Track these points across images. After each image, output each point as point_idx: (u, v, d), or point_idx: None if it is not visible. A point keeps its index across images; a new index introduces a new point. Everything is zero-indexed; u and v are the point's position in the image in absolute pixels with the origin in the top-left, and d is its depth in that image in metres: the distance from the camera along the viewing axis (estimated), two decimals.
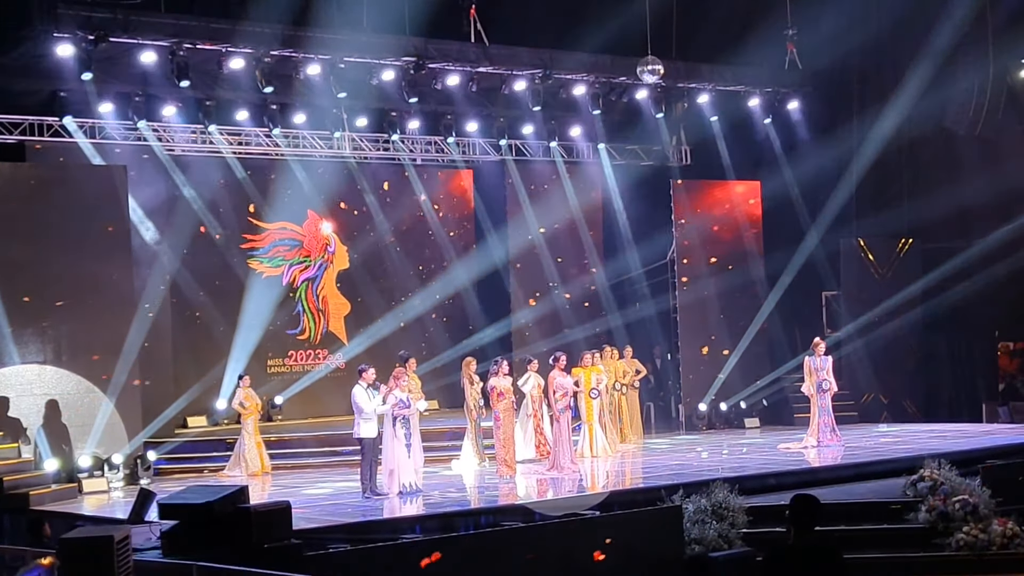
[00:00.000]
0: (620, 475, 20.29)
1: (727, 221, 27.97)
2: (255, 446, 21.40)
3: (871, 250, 27.58)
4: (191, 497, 13.26)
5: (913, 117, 25.62)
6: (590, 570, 14.49)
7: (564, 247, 27.89)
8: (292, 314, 26.01)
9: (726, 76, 26.73)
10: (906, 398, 27.13)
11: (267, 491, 19.37)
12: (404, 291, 27.32)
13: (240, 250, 25.27)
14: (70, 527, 14.95)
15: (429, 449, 21.24)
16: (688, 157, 28.62)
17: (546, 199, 27.60)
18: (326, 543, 14.11)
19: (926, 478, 16.48)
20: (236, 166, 24.73)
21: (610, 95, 26.09)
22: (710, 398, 26.84)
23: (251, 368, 23.65)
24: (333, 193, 26.21)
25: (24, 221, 20.78)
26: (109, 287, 21.43)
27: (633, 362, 24.53)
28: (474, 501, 18.08)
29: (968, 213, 25.64)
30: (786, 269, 27.02)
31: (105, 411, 20.99)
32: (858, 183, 26.72)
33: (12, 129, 21.90)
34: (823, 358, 21.83)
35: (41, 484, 19.41)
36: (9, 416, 20.32)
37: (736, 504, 15.89)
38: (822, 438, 21.51)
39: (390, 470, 17.67)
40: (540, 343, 26.41)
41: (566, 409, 19.95)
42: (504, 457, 19.45)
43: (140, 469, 20.93)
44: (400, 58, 23.31)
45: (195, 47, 21.56)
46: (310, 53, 22.54)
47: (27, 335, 20.68)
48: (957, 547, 15.61)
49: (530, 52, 24.84)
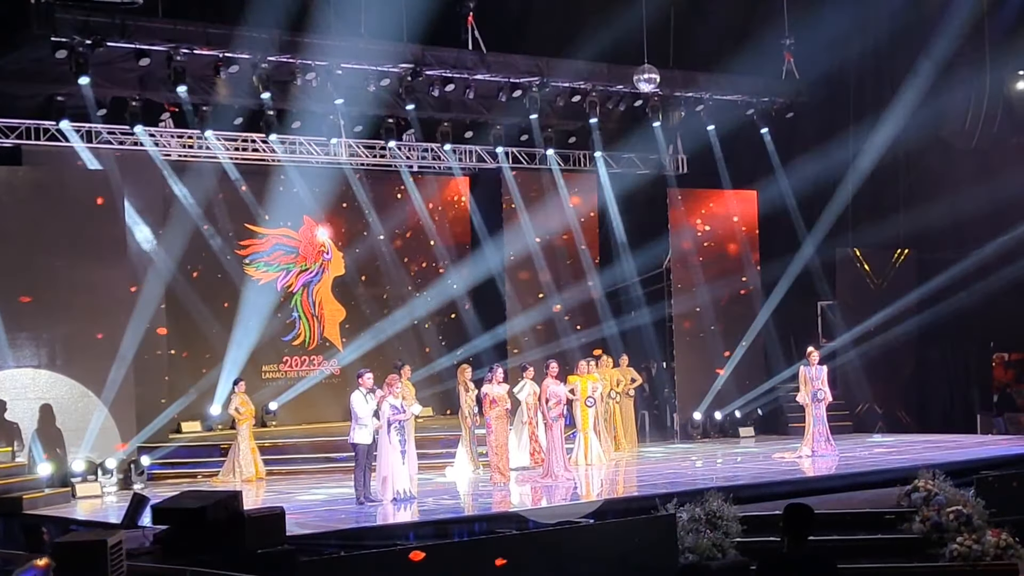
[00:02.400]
0: (614, 483, 20.28)
1: (723, 230, 28.01)
2: (249, 452, 21.38)
3: (867, 260, 27.62)
4: (185, 502, 13.26)
5: (910, 128, 25.64)
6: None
7: (560, 255, 27.88)
8: (287, 320, 25.99)
9: (723, 85, 26.76)
10: (901, 408, 27.16)
11: (261, 497, 19.35)
12: (399, 298, 27.30)
13: (236, 255, 25.25)
14: (64, 531, 14.97)
15: (424, 456, 21.27)
16: (684, 166, 28.63)
17: (542, 207, 27.60)
18: (320, 549, 14.11)
19: (920, 488, 16.48)
20: (232, 172, 24.70)
21: (607, 103, 26.11)
22: (705, 407, 26.84)
23: (246, 373, 23.62)
24: (329, 199, 26.19)
25: (20, 225, 20.79)
26: (104, 291, 21.42)
27: (628, 370, 24.54)
28: (468, 508, 18.07)
29: (964, 224, 25.66)
30: (782, 278, 27.05)
31: (99, 416, 20.98)
32: (854, 193, 26.75)
33: (8, 133, 21.89)
34: (818, 368, 21.85)
35: (34, 488, 19.41)
36: (3, 420, 20.31)
37: (730, 513, 15.88)
38: (816, 447, 21.53)
39: (384, 477, 17.67)
40: (535, 351, 26.38)
41: (559, 417, 19.93)
42: (497, 464, 19.43)
43: (134, 474, 20.91)
44: (397, 65, 23.32)
45: (192, 52, 21.57)
46: (307, 59, 22.55)
47: (21, 339, 20.69)
48: (951, 557, 15.61)
49: (527, 60, 24.86)
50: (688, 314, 27.53)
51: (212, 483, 20.90)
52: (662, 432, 27.35)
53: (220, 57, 21.91)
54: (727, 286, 27.69)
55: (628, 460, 22.92)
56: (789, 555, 8.31)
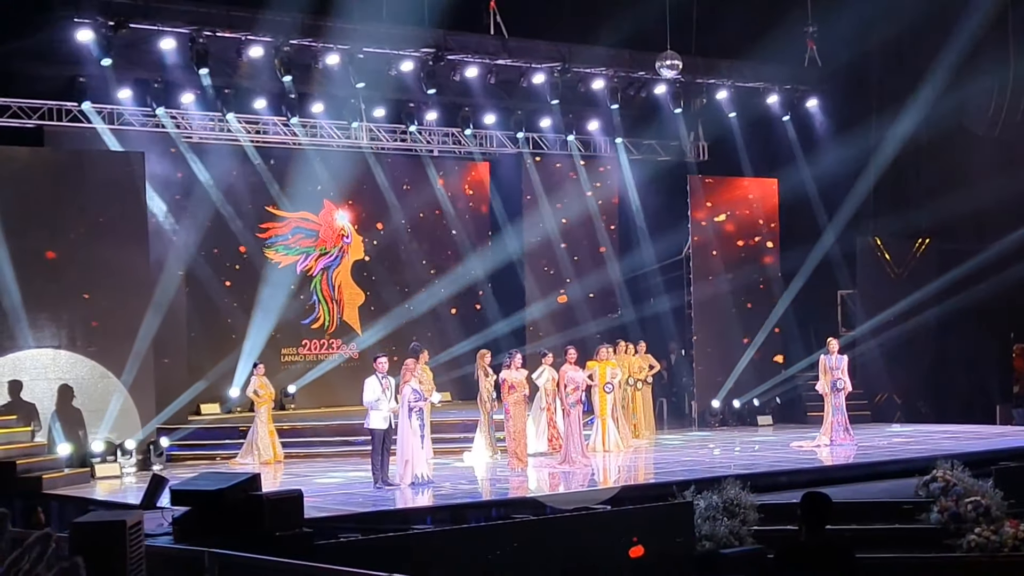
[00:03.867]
0: (632, 470, 20.26)
1: (743, 218, 27.95)
2: (268, 434, 21.43)
3: (887, 249, 27.53)
4: (203, 484, 13.28)
5: (932, 117, 25.51)
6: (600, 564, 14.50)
7: (580, 241, 27.85)
8: (307, 303, 26.03)
9: (745, 72, 26.70)
10: (920, 398, 27.07)
11: (279, 479, 19.41)
12: (419, 282, 27.32)
13: (256, 238, 25.29)
14: (82, 511, 15.00)
15: (441, 441, 21.31)
16: (705, 153, 28.59)
17: (562, 193, 27.58)
18: (337, 532, 14.13)
19: (939, 479, 16.45)
20: (253, 154, 24.74)
21: (628, 89, 26.08)
22: (723, 395, 26.82)
23: (265, 356, 23.67)
24: (350, 183, 26.22)
25: (41, 205, 20.85)
26: (125, 273, 21.48)
27: (647, 357, 24.50)
28: (485, 493, 18.07)
29: (985, 214, 25.56)
30: (802, 267, 26.97)
31: (119, 396, 21.06)
32: (876, 182, 26.67)
33: (31, 114, 21.94)
34: (838, 357, 21.78)
35: (54, 468, 19.47)
36: (23, 400, 20.39)
37: (747, 501, 15.88)
38: (835, 437, 21.48)
39: (405, 460, 17.67)
40: (554, 337, 26.38)
41: (577, 403, 19.92)
42: (515, 450, 19.44)
43: (153, 455, 20.98)
44: (419, 49, 23.33)
45: (215, 34, 21.61)
46: (329, 43, 22.58)
47: (42, 319, 20.75)
48: (968, 548, 15.58)
49: (549, 45, 24.84)
50: (707, 302, 27.47)
51: (230, 465, 20.98)
52: (680, 419, 27.33)
53: (242, 40, 21.96)
54: (747, 274, 27.62)
55: (646, 447, 22.90)
56: (806, 544, 8.29)
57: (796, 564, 8.26)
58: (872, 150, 26.49)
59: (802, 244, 27.07)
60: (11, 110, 21.69)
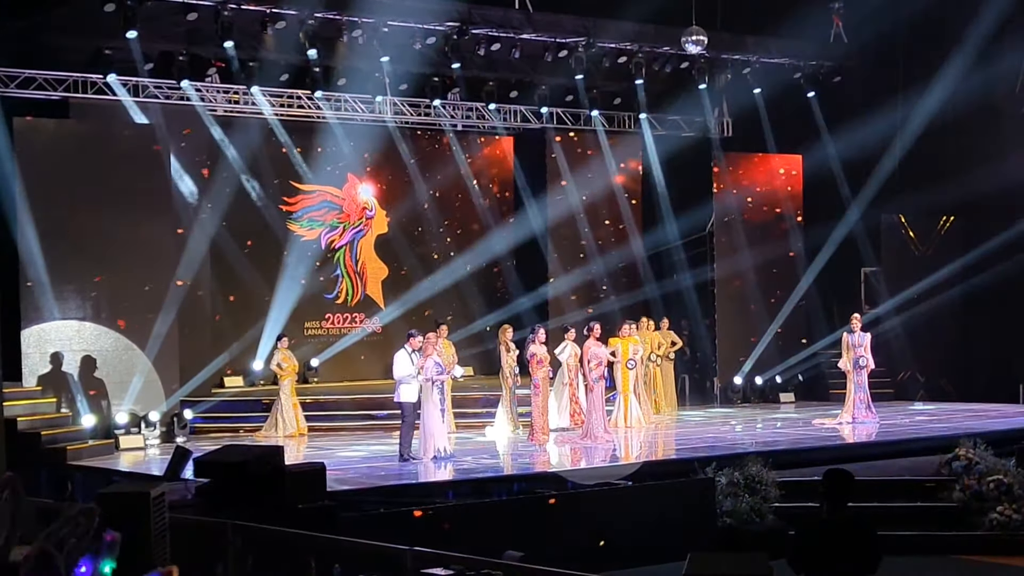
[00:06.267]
0: (653, 446, 20.30)
1: (767, 194, 27.89)
2: (291, 407, 21.52)
3: (912, 227, 27.43)
4: (227, 456, 13.37)
5: (958, 94, 25.36)
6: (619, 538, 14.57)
7: (603, 217, 27.82)
8: (330, 277, 26.06)
9: (770, 48, 26.61)
10: (943, 377, 26.99)
11: (302, 452, 19.49)
12: (442, 257, 27.33)
13: (280, 212, 25.31)
14: (107, 482, 15.11)
15: (463, 415, 21.37)
16: (730, 129, 28.49)
17: (586, 168, 27.53)
18: (360, 505, 14.20)
19: (961, 457, 16.46)
20: (278, 128, 24.74)
21: (653, 65, 25.99)
22: (745, 372, 26.80)
23: (288, 330, 23.71)
24: (373, 157, 26.21)
25: (66, 177, 20.93)
26: (149, 245, 21.56)
27: (669, 334, 24.49)
28: (507, 468, 18.13)
29: (1011, 192, 25.40)
30: (826, 244, 26.92)
31: (143, 368, 21.17)
32: (901, 159, 26.54)
33: (56, 85, 21.97)
34: (861, 334, 21.72)
35: (78, 440, 19.58)
36: (48, 372, 20.50)
37: (769, 478, 15.92)
38: (857, 414, 21.45)
39: (428, 434, 17.72)
40: (576, 312, 26.37)
41: (600, 379, 19.94)
42: (540, 424, 19.50)
43: (176, 427, 21.09)
44: (444, 23, 23.29)
45: (240, 8, 21.60)
46: (354, 16, 22.56)
47: (68, 291, 20.86)
48: (990, 527, 15.60)
49: (574, 20, 24.78)
50: (730, 278, 27.44)
51: (254, 438, 21.08)
52: (702, 396, 27.33)
53: (267, 13, 21.95)
54: (770, 251, 27.55)
55: (667, 423, 22.92)
56: (828, 521, 8.30)
57: (817, 541, 8.27)
58: (898, 127, 26.36)
59: (826, 221, 27.00)
60: (36, 82, 21.72)
